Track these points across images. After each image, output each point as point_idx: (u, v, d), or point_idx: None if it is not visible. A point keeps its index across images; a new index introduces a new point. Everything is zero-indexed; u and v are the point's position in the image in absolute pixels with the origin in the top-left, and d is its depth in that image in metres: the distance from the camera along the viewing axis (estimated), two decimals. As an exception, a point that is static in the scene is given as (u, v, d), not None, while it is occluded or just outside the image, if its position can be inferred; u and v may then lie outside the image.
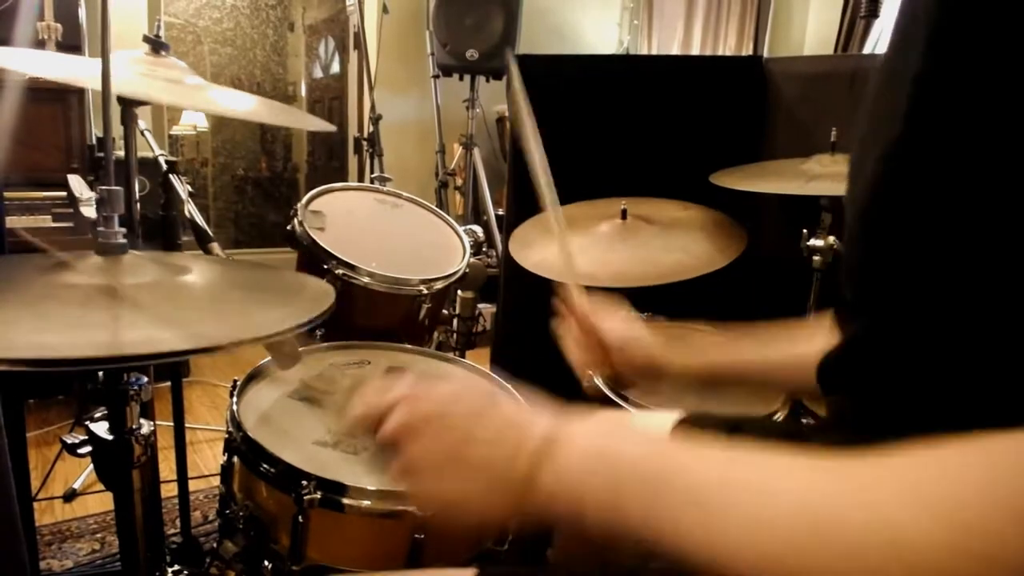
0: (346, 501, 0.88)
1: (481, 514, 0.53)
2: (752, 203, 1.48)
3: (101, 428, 0.80)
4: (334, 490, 0.88)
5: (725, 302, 1.57)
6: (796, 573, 0.37)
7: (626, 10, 4.49)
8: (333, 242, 1.39)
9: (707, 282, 1.33)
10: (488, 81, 3.37)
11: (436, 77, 3.31)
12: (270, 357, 1.08)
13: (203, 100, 1.11)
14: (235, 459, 0.99)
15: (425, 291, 1.43)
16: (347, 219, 1.55)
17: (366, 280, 1.37)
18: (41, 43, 2.14)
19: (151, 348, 0.60)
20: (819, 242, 1.57)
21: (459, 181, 3.50)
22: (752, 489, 0.41)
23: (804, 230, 1.58)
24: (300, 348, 0.94)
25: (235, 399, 1.03)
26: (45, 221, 2.22)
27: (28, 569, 1.12)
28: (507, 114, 3.45)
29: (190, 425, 2.18)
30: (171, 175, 1.24)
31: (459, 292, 1.86)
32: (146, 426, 0.82)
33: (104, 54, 0.77)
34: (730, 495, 0.41)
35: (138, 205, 1.26)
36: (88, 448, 0.81)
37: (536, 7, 3.88)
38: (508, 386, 1.19)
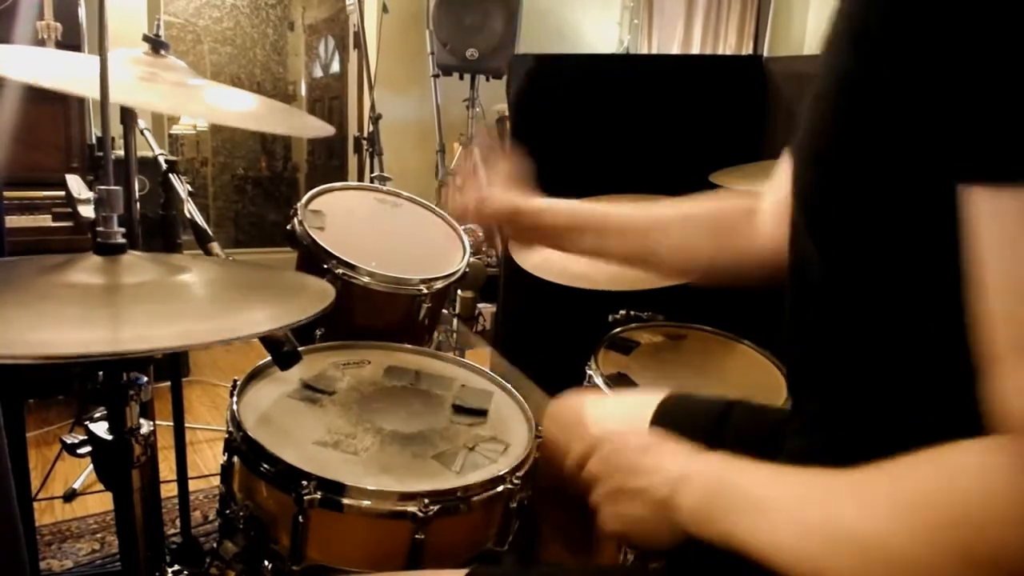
0: (346, 501, 0.88)
1: (651, 531, 0.67)
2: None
3: (101, 428, 0.80)
4: (334, 490, 0.88)
5: (725, 302, 1.57)
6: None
7: (626, 9, 4.49)
8: (333, 242, 1.39)
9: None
10: (488, 80, 3.37)
11: (436, 76, 3.31)
12: (270, 357, 1.08)
13: (200, 107, 1.10)
14: (235, 459, 0.99)
15: (425, 291, 1.43)
16: (347, 219, 1.55)
17: (366, 280, 1.37)
18: (41, 42, 2.14)
19: (149, 344, 0.60)
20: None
21: (459, 181, 3.50)
22: (815, 509, 0.53)
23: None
24: (300, 348, 0.93)
25: (235, 399, 1.03)
26: (45, 221, 2.22)
27: (28, 569, 1.12)
28: (507, 113, 3.45)
29: (190, 425, 2.18)
30: (171, 174, 1.24)
31: (459, 292, 1.86)
32: (146, 426, 0.82)
33: (102, 54, 0.77)
34: (797, 513, 0.54)
35: (138, 205, 1.26)
36: (88, 448, 0.81)
37: (536, 7, 3.88)
38: (507, 385, 1.19)
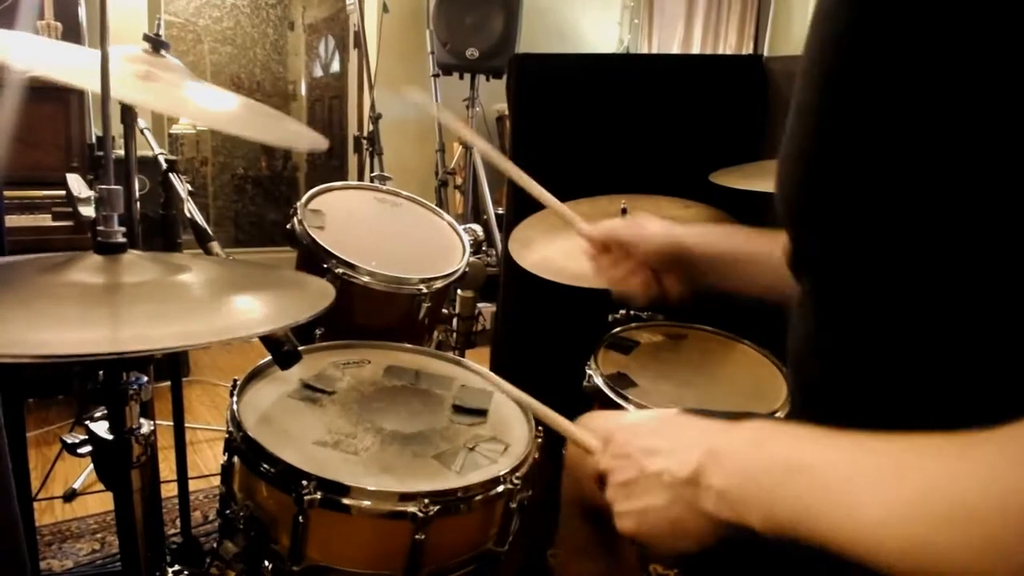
0: (346, 501, 0.88)
1: (673, 527, 0.56)
2: (752, 202, 1.48)
3: (101, 428, 0.80)
4: (334, 490, 0.88)
5: (725, 302, 1.57)
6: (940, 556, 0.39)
7: (626, 9, 4.49)
8: (333, 241, 1.39)
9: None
10: (488, 80, 3.36)
11: (436, 76, 3.31)
12: (270, 357, 1.08)
13: (191, 109, 1.10)
14: (235, 459, 0.99)
15: (425, 290, 1.43)
16: (347, 218, 1.55)
17: (366, 279, 1.37)
18: (41, 42, 2.14)
19: (149, 344, 0.60)
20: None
21: (459, 180, 3.50)
22: (890, 478, 0.43)
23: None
24: (300, 347, 0.93)
25: (235, 399, 1.03)
26: (45, 220, 2.22)
27: (28, 569, 1.12)
28: (507, 113, 3.45)
29: (190, 425, 2.18)
30: (171, 174, 1.24)
31: (459, 291, 1.86)
32: (146, 426, 0.82)
33: (103, 52, 0.77)
34: (870, 485, 0.43)
35: (138, 204, 1.26)
36: (88, 448, 0.81)
37: (536, 6, 3.88)
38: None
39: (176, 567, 1.27)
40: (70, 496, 1.96)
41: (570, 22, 4.33)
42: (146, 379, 0.81)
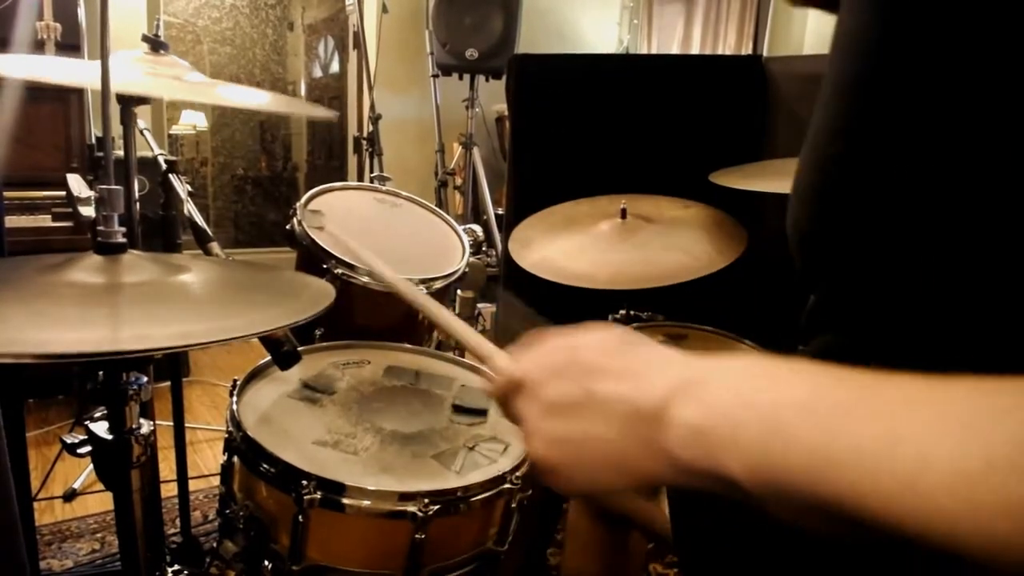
0: (346, 501, 0.88)
1: (609, 462, 0.44)
2: (752, 203, 1.48)
3: (101, 428, 0.80)
4: (334, 490, 0.88)
5: (725, 302, 1.57)
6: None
7: (626, 9, 4.49)
8: (332, 241, 1.39)
9: (707, 281, 1.32)
10: (488, 80, 3.37)
11: (436, 76, 3.32)
12: (270, 357, 1.08)
13: (206, 94, 1.11)
14: (235, 459, 0.99)
15: (425, 291, 1.43)
16: (347, 218, 1.55)
17: (365, 280, 1.37)
18: (40, 43, 2.14)
19: (148, 344, 0.60)
20: (819, 241, 1.56)
21: (459, 180, 3.50)
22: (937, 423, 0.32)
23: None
24: (300, 347, 0.93)
25: (235, 399, 1.03)
26: (45, 221, 2.22)
27: (28, 569, 1.12)
28: (506, 113, 3.45)
29: (190, 425, 2.18)
30: (170, 174, 1.24)
31: (459, 292, 1.86)
32: (146, 426, 0.82)
33: (103, 53, 0.77)
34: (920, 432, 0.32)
35: (137, 205, 1.26)
36: (88, 448, 0.81)
37: (536, 7, 3.88)
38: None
39: (176, 567, 1.27)
40: (70, 496, 1.96)
41: (570, 22, 4.33)
42: (146, 379, 0.81)
